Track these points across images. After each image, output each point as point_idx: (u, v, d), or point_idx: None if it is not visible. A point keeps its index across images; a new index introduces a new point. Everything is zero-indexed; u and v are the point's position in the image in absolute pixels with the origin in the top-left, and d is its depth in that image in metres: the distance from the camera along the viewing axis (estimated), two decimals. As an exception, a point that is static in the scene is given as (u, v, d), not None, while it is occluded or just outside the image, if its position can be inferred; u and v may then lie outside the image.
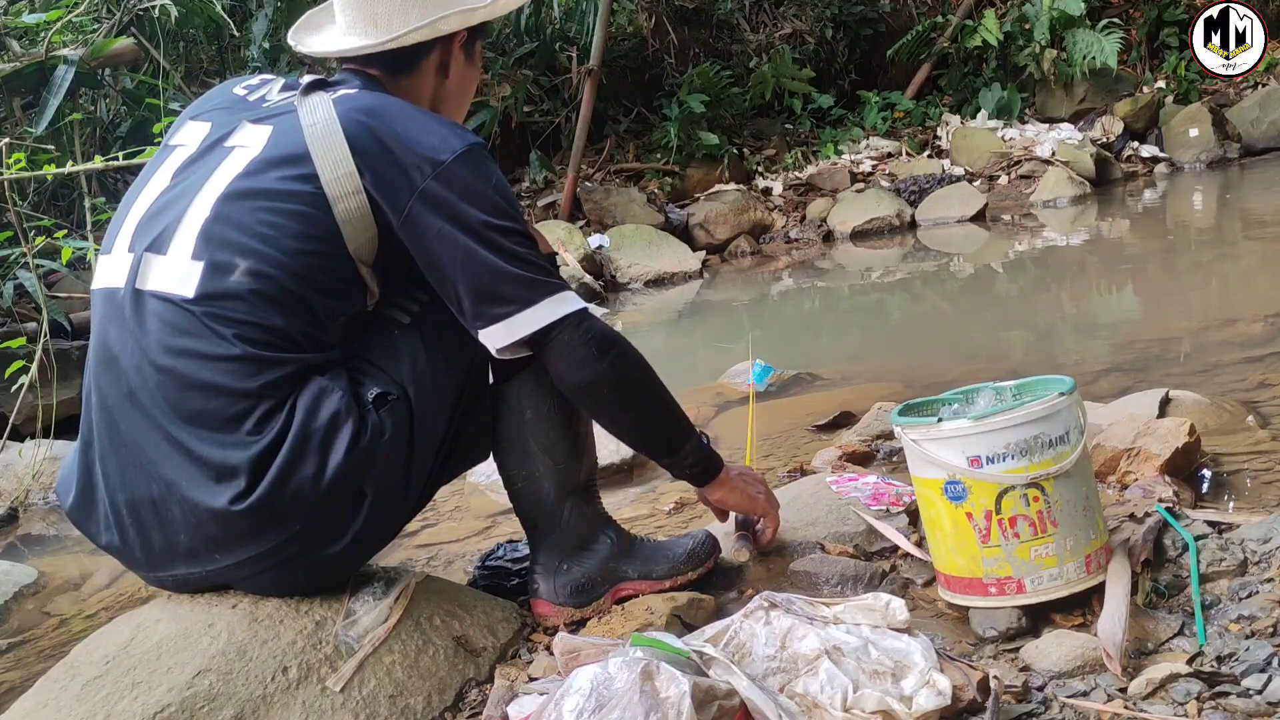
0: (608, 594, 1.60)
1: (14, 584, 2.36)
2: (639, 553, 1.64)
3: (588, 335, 1.43)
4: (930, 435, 1.42)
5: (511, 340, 1.41)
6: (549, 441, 1.55)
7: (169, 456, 1.34)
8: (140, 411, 1.35)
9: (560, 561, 1.59)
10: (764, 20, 8.65)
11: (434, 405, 1.44)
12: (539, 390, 1.53)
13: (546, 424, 1.54)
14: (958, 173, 7.56)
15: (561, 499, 1.58)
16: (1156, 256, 5.22)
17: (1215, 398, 2.27)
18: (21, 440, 3.33)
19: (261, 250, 1.35)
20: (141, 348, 1.35)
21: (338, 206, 1.38)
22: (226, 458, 1.32)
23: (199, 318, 1.33)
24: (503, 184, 1.45)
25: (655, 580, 1.61)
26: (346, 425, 1.34)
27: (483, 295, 1.40)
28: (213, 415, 1.33)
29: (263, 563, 1.37)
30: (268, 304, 1.35)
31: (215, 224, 1.37)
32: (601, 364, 1.44)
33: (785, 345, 4.18)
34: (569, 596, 1.58)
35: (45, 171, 4.04)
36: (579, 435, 1.59)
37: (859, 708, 1.16)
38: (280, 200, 1.38)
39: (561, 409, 1.54)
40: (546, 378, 1.50)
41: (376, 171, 1.38)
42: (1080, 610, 1.41)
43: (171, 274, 1.36)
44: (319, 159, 1.38)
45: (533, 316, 1.40)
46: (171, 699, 1.26)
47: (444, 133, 1.43)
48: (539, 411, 1.54)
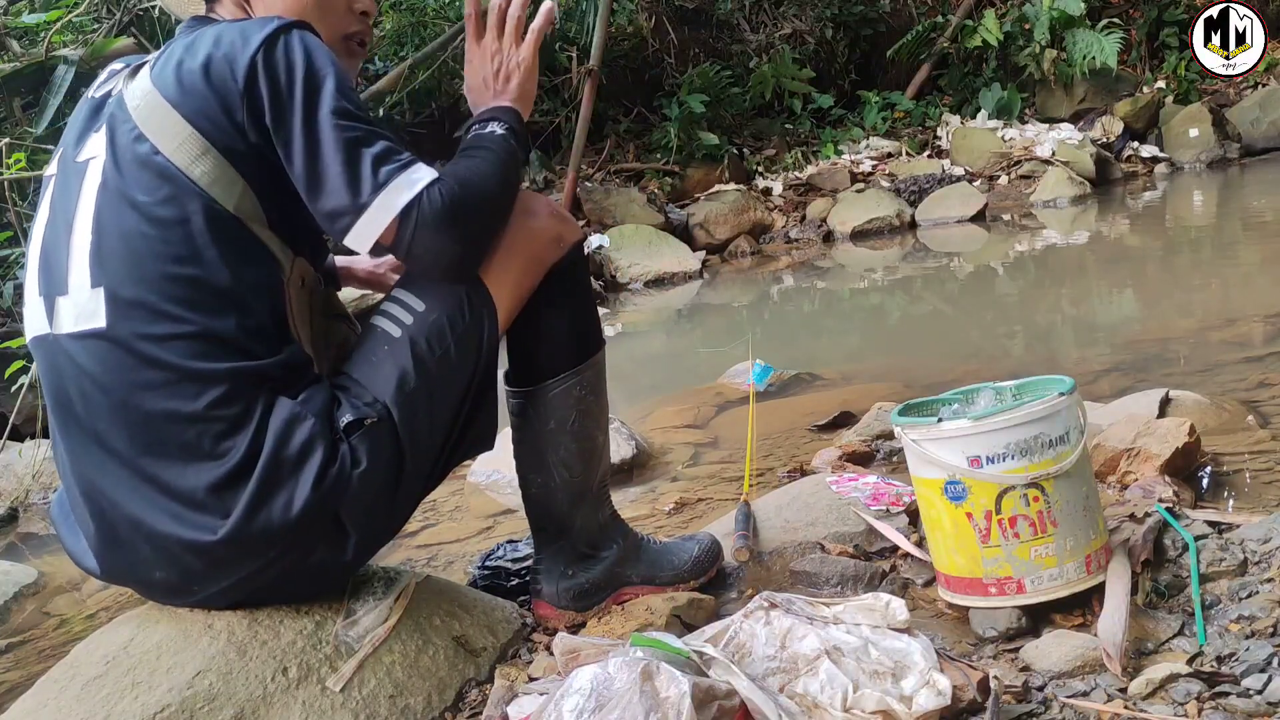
0: (610, 597, 1.60)
1: (14, 584, 2.36)
2: (644, 556, 1.63)
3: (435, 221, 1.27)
4: (930, 435, 1.42)
5: (367, 250, 1.28)
6: (567, 454, 1.54)
7: (133, 494, 1.28)
8: (102, 452, 1.28)
9: (566, 567, 1.58)
10: (764, 20, 8.65)
11: (427, 425, 1.36)
12: (564, 401, 1.51)
13: (567, 436, 1.53)
14: (958, 173, 7.57)
15: (574, 509, 1.57)
16: (1156, 257, 5.22)
17: (1215, 398, 2.27)
18: (21, 440, 3.34)
19: (151, 253, 1.26)
20: (84, 392, 1.28)
21: (195, 173, 1.26)
22: (188, 486, 1.26)
23: (121, 346, 1.26)
24: (315, 61, 1.27)
25: (658, 586, 1.62)
26: (316, 454, 1.27)
27: (320, 208, 1.27)
28: (168, 445, 1.26)
29: (243, 588, 1.34)
30: (183, 308, 1.25)
31: (99, 246, 1.28)
32: (455, 236, 1.29)
33: (785, 345, 4.18)
34: (572, 600, 1.58)
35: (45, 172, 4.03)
36: (597, 446, 1.57)
37: (859, 708, 1.16)
38: (144, 194, 1.27)
39: (584, 422, 1.53)
40: (574, 391, 1.50)
41: (205, 117, 1.26)
42: (1080, 610, 1.41)
43: (80, 310, 1.28)
44: (155, 137, 1.28)
45: (367, 227, 1.26)
46: (171, 699, 1.26)
47: (244, 31, 1.28)
48: (561, 423, 1.52)
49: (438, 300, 1.37)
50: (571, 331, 1.52)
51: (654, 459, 2.62)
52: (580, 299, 1.54)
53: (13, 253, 4.01)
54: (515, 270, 1.43)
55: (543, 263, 1.46)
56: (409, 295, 1.39)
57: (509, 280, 1.43)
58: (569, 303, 1.51)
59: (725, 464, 2.50)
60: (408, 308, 1.38)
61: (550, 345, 1.52)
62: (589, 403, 1.54)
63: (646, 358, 4.55)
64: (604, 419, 1.60)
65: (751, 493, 2.00)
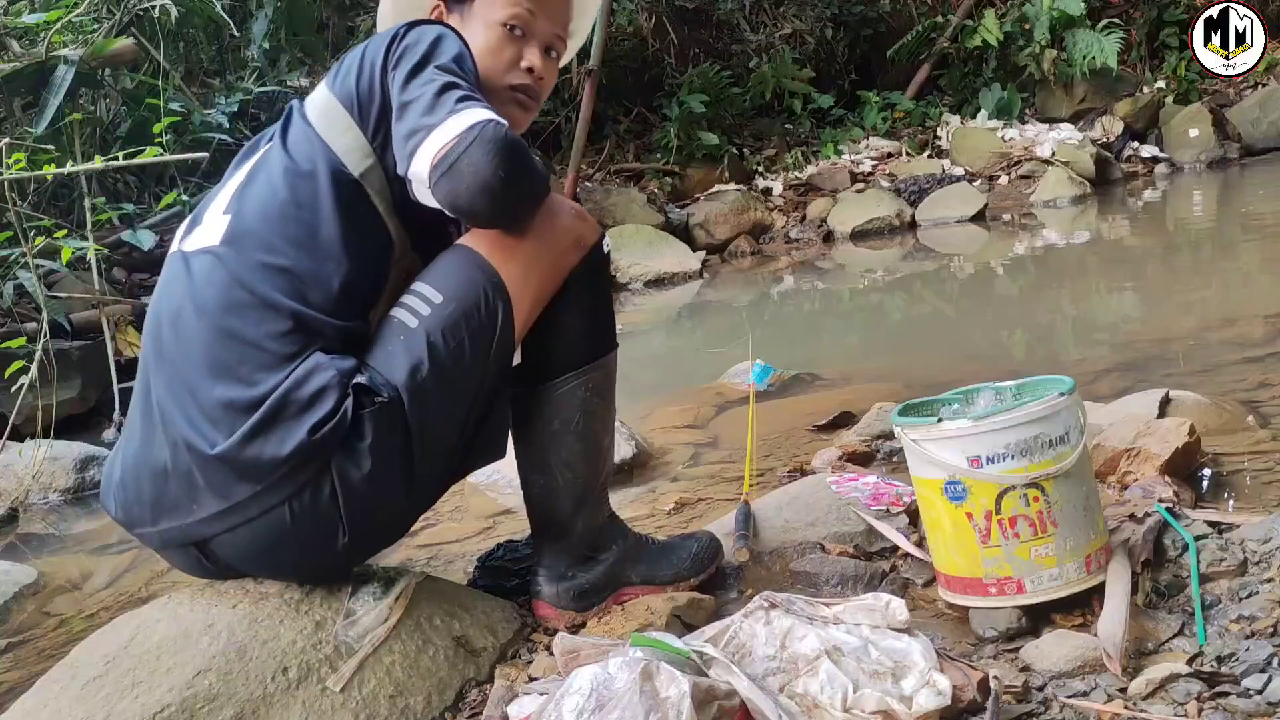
0: (610, 598, 1.60)
1: (14, 584, 2.36)
2: (644, 556, 1.63)
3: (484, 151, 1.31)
4: (930, 435, 1.42)
5: (427, 170, 1.32)
6: (571, 455, 1.54)
7: (176, 399, 1.35)
8: (170, 366, 1.37)
9: (567, 568, 1.58)
10: (764, 20, 8.65)
11: (437, 418, 1.39)
12: (568, 402, 1.52)
13: (572, 437, 1.53)
14: (958, 173, 7.57)
15: (576, 511, 1.57)
16: (1156, 256, 5.22)
17: (1215, 398, 2.27)
18: (21, 440, 3.33)
19: (279, 196, 1.40)
20: (178, 309, 1.39)
21: (336, 143, 1.41)
22: (212, 399, 1.32)
23: (224, 262, 1.37)
24: (447, 39, 1.42)
25: (658, 585, 1.62)
26: (323, 404, 1.31)
27: (401, 129, 1.36)
28: (220, 361, 1.33)
29: (230, 519, 1.34)
30: (288, 244, 1.37)
31: (244, 188, 1.44)
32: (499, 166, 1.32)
33: (785, 345, 4.18)
34: (572, 601, 1.58)
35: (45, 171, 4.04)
36: (602, 448, 1.58)
37: (859, 708, 1.16)
38: (294, 159, 1.43)
39: (589, 423, 1.53)
40: (579, 391, 1.51)
41: (352, 93, 1.42)
42: (1080, 610, 1.41)
43: (207, 231, 1.43)
44: (313, 115, 1.44)
45: (433, 142, 1.32)
46: (171, 699, 1.26)
47: (396, 29, 1.45)
48: (566, 424, 1.52)
49: (455, 294, 1.40)
50: (584, 330, 1.53)
51: (654, 459, 2.62)
52: (597, 298, 1.55)
53: (12, 253, 4.00)
54: (538, 272, 1.45)
55: (563, 266, 1.48)
56: (427, 288, 1.41)
57: (531, 282, 1.44)
58: (585, 301, 1.52)
59: (725, 464, 2.50)
60: (425, 300, 1.40)
61: (562, 343, 1.52)
62: (595, 404, 1.54)
63: (646, 358, 4.55)
64: (610, 422, 1.60)
65: (751, 493, 2.00)
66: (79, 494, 3.22)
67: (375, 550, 1.51)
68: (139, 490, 1.40)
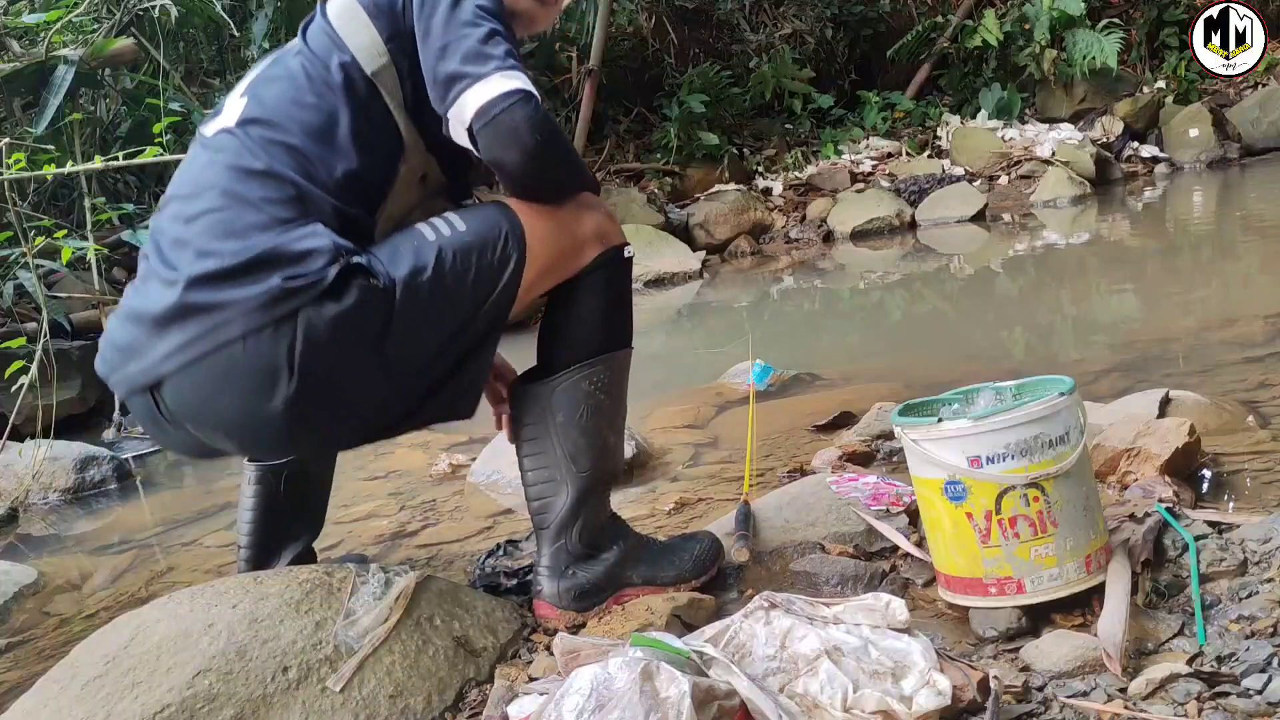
0: (610, 598, 1.60)
1: (14, 584, 2.36)
2: (646, 556, 1.63)
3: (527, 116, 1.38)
4: (930, 435, 1.42)
5: (470, 115, 1.38)
6: (575, 448, 1.55)
7: (179, 256, 1.37)
8: (173, 228, 1.40)
9: (568, 567, 1.58)
10: (764, 20, 8.65)
11: (419, 324, 1.38)
12: (574, 394, 1.53)
13: (576, 431, 1.54)
14: (958, 173, 7.57)
15: (578, 505, 1.57)
16: (1156, 256, 5.22)
17: (1215, 398, 2.27)
18: (21, 440, 3.34)
19: (295, 85, 1.45)
20: (196, 180, 1.43)
21: (351, 41, 1.46)
22: (202, 241, 1.35)
23: (238, 137, 1.42)
24: None
25: (660, 586, 1.61)
26: (307, 264, 1.31)
27: (443, 69, 1.40)
28: (221, 222, 1.36)
29: (186, 353, 1.33)
30: (299, 127, 1.42)
31: (264, 76, 1.51)
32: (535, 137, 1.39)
33: (785, 345, 4.18)
34: (572, 600, 1.58)
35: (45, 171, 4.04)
36: (608, 445, 1.58)
37: (859, 708, 1.16)
38: (312, 53, 1.49)
39: (593, 418, 1.54)
40: (584, 384, 1.52)
41: (375, 3, 1.47)
42: (1080, 610, 1.41)
43: (226, 115, 1.48)
44: (334, 18, 1.49)
45: (478, 93, 1.37)
46: (171, 699, 1.27)
47: None
48: (570, 418, 1.54)
49: (478, 228, 1.45)
50: (595, 326, 1.56)
51: (654, 459, 2.62)
52: (613, 297, 1.59)
53: (12, 253, 4.01)
54: (557, 246, 1.49)
55: (583, 252, 1.52)
56: (456, 216, 1.47)
57: (549, 250, 1.48)
58: (600, 297, 1.56)
59: (725, 464, 2.50)
60: (450, 224, 1.45)
61: (571, 337, 1.56)
62: (600, 400, 1.55)
63: (646, 358, 4.53)
64: (619, 420, 1.61)
65: (751, 493, 2.00)
66: (79, 494, 3.22)
67: (307, 434, 1.42)
68: (119, 337, 1.43)
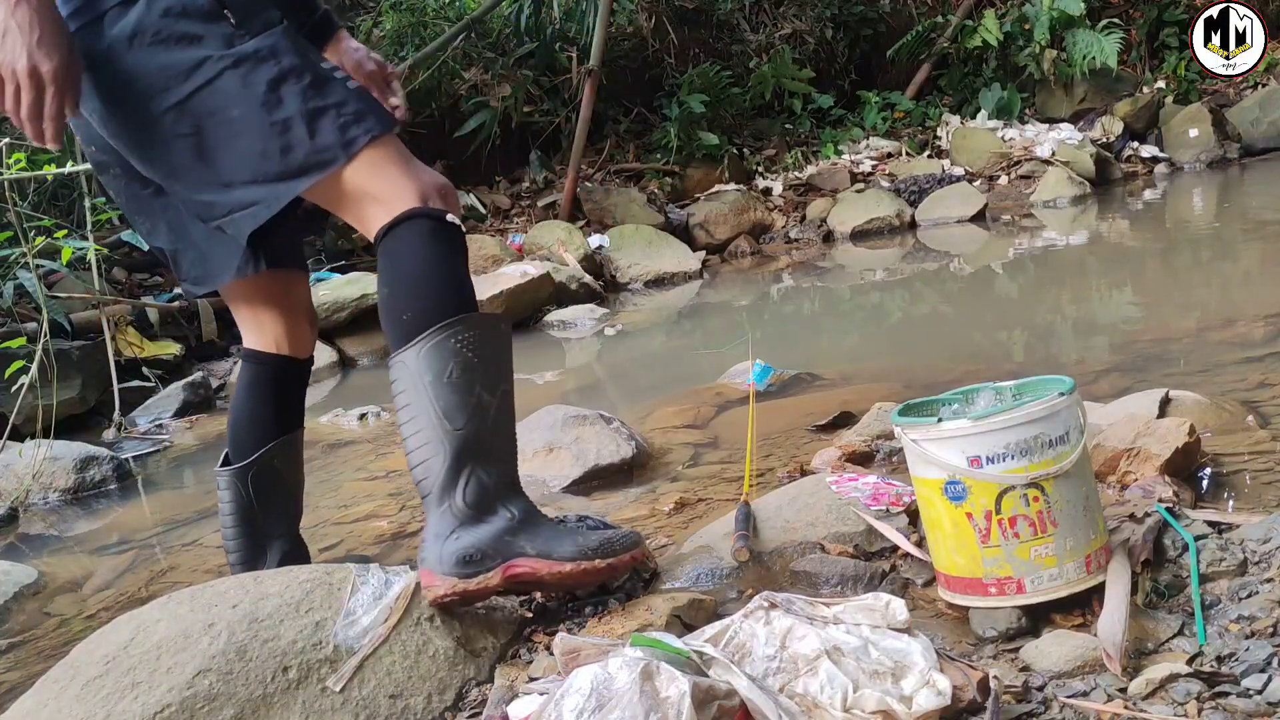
0: (498, 568, 1.47)
1: (14, 584, 2.36)
2: (545, 530, 1.51)
3: None
4: (930, 435, 1.42)
5: None
6: (448, 406, 1.47)
7: None
8: None
9: (452, 530, 1.48)
10: (764, 20, 8.65)
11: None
12: (439, 354, 1.47)
13: (447, 389, 1.47)
14: (958, 173, 7.57)
15: (459, 465, 1.48)
16: (1156, 256, 5.22)
17: (1215, 398, 2.27)
18: (21, 440, 3.34)
19: None
20: None
21: None
22: None
23: None
24: None
25: (555, 560, 1.47)
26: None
27: None
28: None
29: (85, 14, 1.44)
30: None
31: None
32: None
33: (785, 345, 4.18)
34: (454, 566, 1.46)
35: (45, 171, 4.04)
36: (483, 404, 1.50)
37: (859, 708, 1.16)
38: None
39: (465, 375, 1.48)
40: (450, 342, 1.47)
41: None
42: (1080, 610, 1.41)
43: None
44: None
45: None
46: (171, 699, 1.27)
47: None
48: (438, 375, 1.47)
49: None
50: (445, 288, 1.51)
51: (654, 459, 2.62)
52: (455, 263, 1.53)
53: (12, 253, 4.01)
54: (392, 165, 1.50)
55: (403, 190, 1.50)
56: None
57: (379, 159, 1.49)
58: (442, 260, 1.51)
59: (725, 464, 2.50)
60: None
61: (424, 301, 1.49)
62: (468, 358, 1.49)
63: (646, 358, 4.55)
64: (495, 382, 1.52)
65: (751, 493, 2.00)
66: (79, 494, 3.22)
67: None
68: None
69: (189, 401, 4.31)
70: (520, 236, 6.64)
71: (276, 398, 1.81)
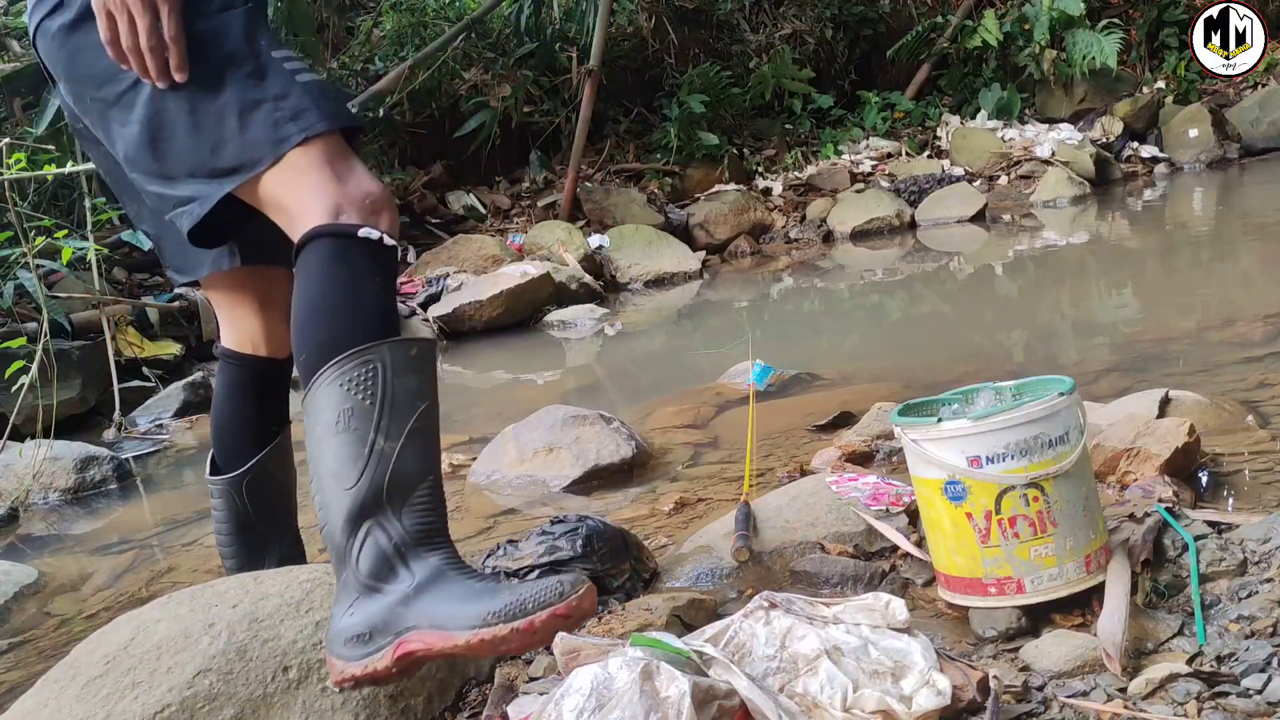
0: (389, 647, 1.23)
1: (14, 584, 2.36)
2: (446, 594, 1.24)
3: None
4: (930, 435, 1.42)
5: None
6: (336, 462, 1.26)
7: None
8: None
9: (350, 603, 1.27)
10: (764, 20, 8.65)
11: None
12: (328, 402, 1.27)
13: (336, 442, 1.26)
14: (957, 173, 7.57)
15: (352, 527, 1.26)
16: (1156, 257, 5.22)
17: (1215, 398, 2.27)
18: (21, 440, 3.34)
19: None
20: None
21: None
22: None
23: None
24: None
25: (450, 632, 1.20)
26: None
27: None
28: None
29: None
30: None
31: None
32: None
33: (785, 345, 4.18)
34: (343, 646, 1.25)
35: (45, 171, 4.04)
36: (381, 451, 1.26)
37: (859, 708, 1.16)
38: None
39: (355, 424, 1.26)
40: (339, 386, 1.27)
41: None
42: (1080, 610, 1.41)
43: None
44: None
45: None
46: (172, 699, 1.27)
47: None
48: (327, 427, 1.27)
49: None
50: (341, 320, 1.30)
51: (654, 459, 2.62)
52: (360, 286, 1.31)
53: (12, 253, 4.01)
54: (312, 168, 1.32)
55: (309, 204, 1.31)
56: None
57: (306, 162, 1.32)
58: (346, 284, 1.30)
59: (725, 464, 2.50)
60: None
61: (314, 334, 1.31)
62: (360, 403, 1.26)
63: (646, 358, 4.55)
64: (400, 423, 1.28)
65: (751, 493, 2.00)
66: (79, 494, 3.22)
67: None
68: None
69: (189, 401, 4.31)
70: (520, 236, 6.64)
71: (258, 402, 1.69)
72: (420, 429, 1.30)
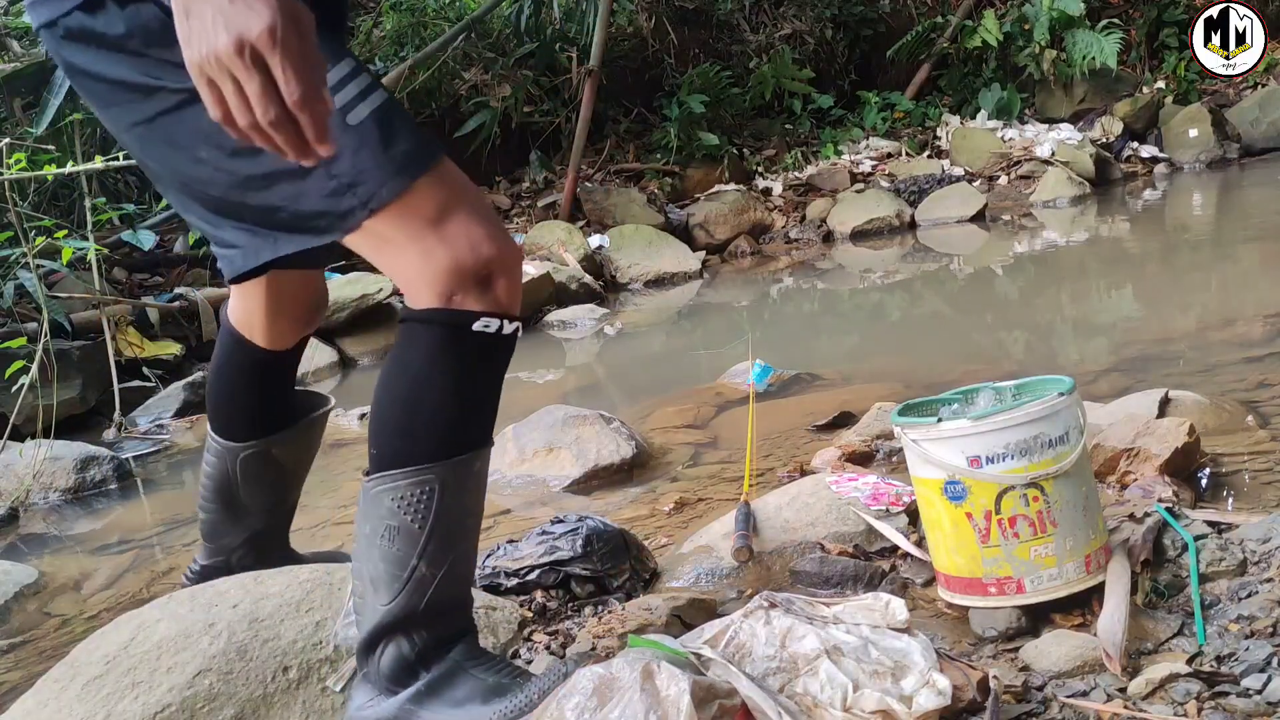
0: None
1: (14, 584, 2.36)
2: (455, 692, 1.25)
3: None
4: (930, 435, 1.42)
5: None
6: (375, 572, 1.23)
7: None
8: None
9: (371, 699, 1.27)
10: (764, 20, 8.65)
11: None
12: (375, 510, 1.22)
13: (378, 552, 1.22)
14: (957, 173, 7.57)
15: (380, 635, 1.24)
16: (1156, 257, 5.22)
17: (1215, 398, 2.27)
18: (21, 440, 3.34)
19: None
20: None
21: None
22: None
23: None
24: None
25: None
26: None
27: None
28: None
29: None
30: None
31: None
32: None
33: (785, 345, 4.18)
34: None
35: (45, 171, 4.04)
36: (421, 576, 1.22)
37: (859, 707, 1.16)
38: None
39: (394, 545, 1.21)
40: (386, 500, 1.21)
41: None
42: (1080, 610, 1.41)
43: None
44: None
45: None
46: (172, 699, 1.27)
47: None
48: (372, 535, 1.22)
49: None
50: (416, 423, 1.21)
51: (654, 459, 2.62)
52: (455, 386, 1.21)
53: (13, 253, 4.01)
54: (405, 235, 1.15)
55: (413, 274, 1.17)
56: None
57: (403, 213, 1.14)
58: (439, 381, 1.20)
59: (725, 464, 2.50)
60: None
61: (393, 430, 1.22)
62: (409, 527, 1.20)
63: (646, 358, 4.55)
64: (444, 550, 1.23)
65: (751, 493, 2.00)
66: (79, 494, 3.22)
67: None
68: None
69: (189, 401, 4.31)
70: (520, 236, 6.64)
71: (250, 384, 1.60)
72: (464, 551, 1.27)
